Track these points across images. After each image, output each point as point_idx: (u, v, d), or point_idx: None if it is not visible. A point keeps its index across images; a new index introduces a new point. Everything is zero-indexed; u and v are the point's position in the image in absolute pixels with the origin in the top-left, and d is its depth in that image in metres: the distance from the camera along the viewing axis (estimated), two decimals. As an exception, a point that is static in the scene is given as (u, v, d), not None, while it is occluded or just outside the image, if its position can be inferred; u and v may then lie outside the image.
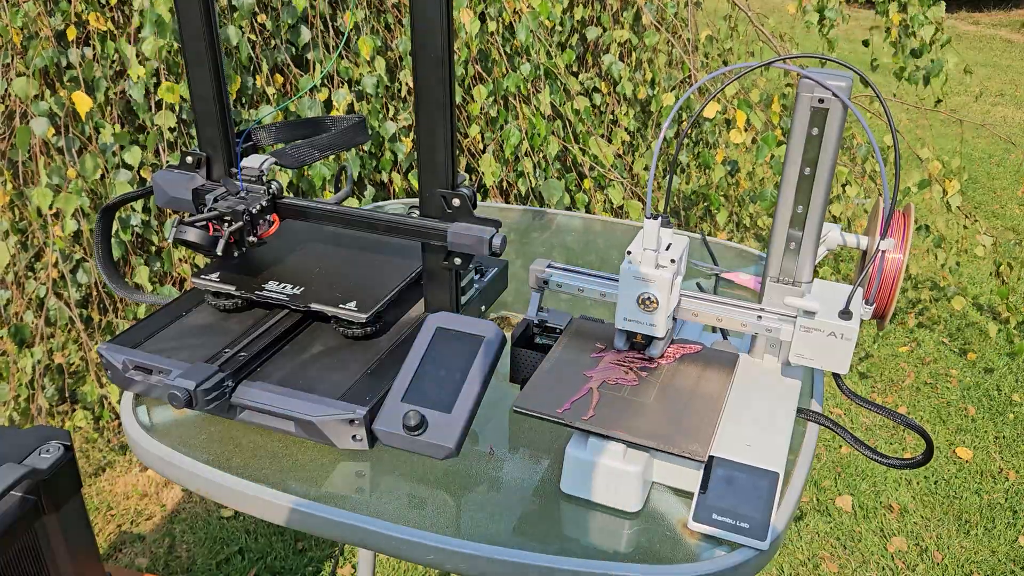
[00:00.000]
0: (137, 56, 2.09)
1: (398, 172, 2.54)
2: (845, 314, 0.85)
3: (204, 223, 1.00)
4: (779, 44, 2.76)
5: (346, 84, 2.40)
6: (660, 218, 0.86)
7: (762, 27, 2.75)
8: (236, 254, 1.03)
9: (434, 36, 0.86)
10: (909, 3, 2.65)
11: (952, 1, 8.72)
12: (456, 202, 0.94)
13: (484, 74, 2.50)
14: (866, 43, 2.83)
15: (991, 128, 2.85)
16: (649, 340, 0.93)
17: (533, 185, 2.54)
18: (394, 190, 2.55)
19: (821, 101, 0.87)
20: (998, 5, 8.88)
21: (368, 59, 2.36)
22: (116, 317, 2.25)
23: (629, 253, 0.88)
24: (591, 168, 2.62)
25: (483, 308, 1.11)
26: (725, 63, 3.04)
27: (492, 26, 2.46)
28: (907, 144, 2.64)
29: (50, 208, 2.01)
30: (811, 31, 2.78)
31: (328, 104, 2.37)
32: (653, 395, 0.88)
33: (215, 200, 1.02)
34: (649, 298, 0.88)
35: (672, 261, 0.87)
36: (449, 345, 0.91)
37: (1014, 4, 8.87)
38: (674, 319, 0.94)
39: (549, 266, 0.99)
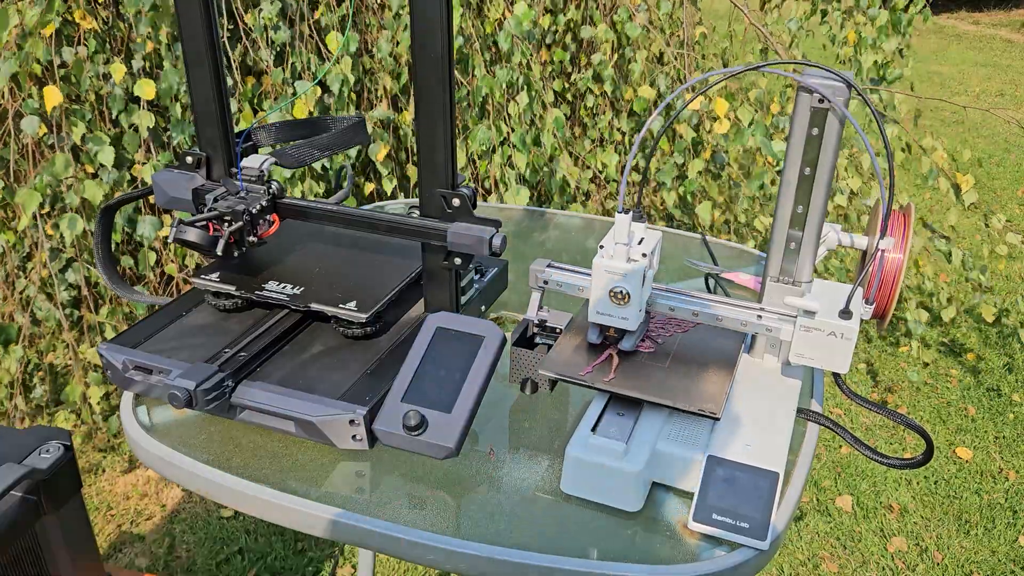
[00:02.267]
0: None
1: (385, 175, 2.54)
2: (845, 314, 0.85)
3: (204, 223, 1.00)
4: (777, 44, 2.76)
5: (321, 86, 2.39)
6: (632, 212, 0.87)
7: (762, 28, 2.75)
8: (236, 254, 1.02)
9: (434, 36, 0.86)
10: (892, 8, 2.65)
11: (952, 1, 8.72)
12: (456, 202, 0.94)
13: (460, 78, 2.49)
14: (832, 40, 2.81)
15: (996, 112, 2.80)
16: (622, 334, 0.94)
17: (504, 192, 2.51)
18: (379, 192, 2.55)
19: (821, 101, 0.87)
20: (998, 5, 8.88)
21: (338, 58, 2.34)
22: (105, 318, 2.24)
23: (602, 247, 0.89)
24: (562, 188, 2.61)
25: (483, 308, 1.11)
26: (723, 62, 3.03)
27: (489, 28, 2.45)
28: (913, 137, 2.61)
29: (40, 208, 2.00)
30: (815, 36, 2.78)
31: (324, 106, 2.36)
32: (669, 360, 0.92)
33: (215, 200, 1.02)
34: (620, 292, 0.88)
35: (644, 255, 0.88)
36: (449, 345, 0.91)
37: (1014, 4, 8.87)
38: (647, 313, 0.95)
39: (549, 266, 0.99)
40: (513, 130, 2.47)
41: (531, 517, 0.83)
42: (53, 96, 1.99)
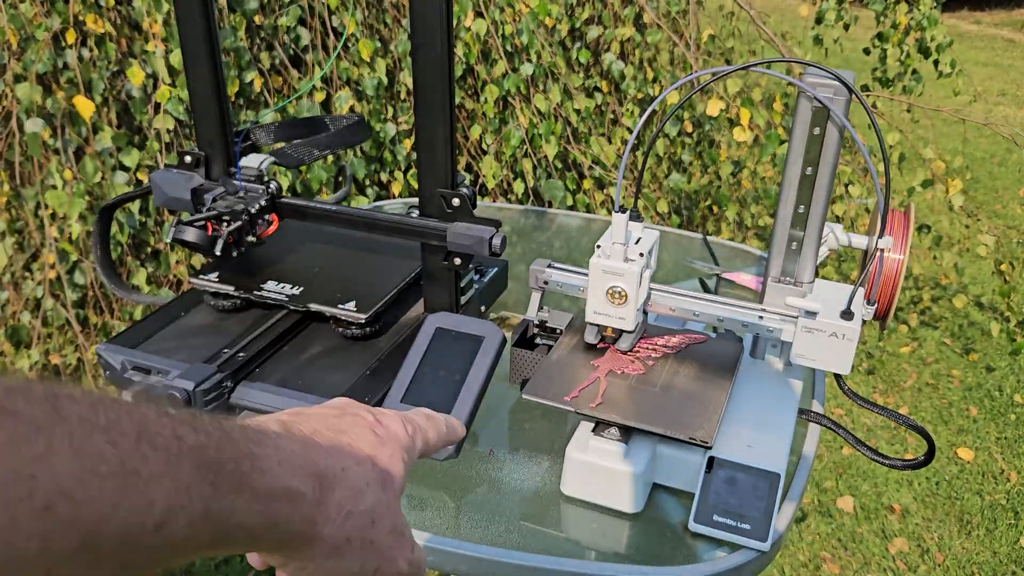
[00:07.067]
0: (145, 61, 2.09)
1: (399, 170, 2.54)
2: (847, 314, 0.84)
3: (203, 223, 0.99)
4: (780, 44, 2.75)
5: (347, 86, 2.40)
6: (629, 211, 0.87)
7: (763, 26, 2.75)
8: (235, 254, 1.02)
9: (434, 36, 0.86)
10: (919, 4, 2.64)
11: (953, 0, 8.70)
12: (456, 202, 0.94)
13: (486, 75, 2.50)
14: (867, 51, 2.83)
15: (994, 126, 2.84)
16: (619, 334, 0.93)
17: (531, 185, 2.53)
18: (393, 191, 2.54)
19: (818, 102, 0.86)
20: (1000, 5, 8.87)
21: (368, 60, 2.35)
22: (112, 318, 2.24)
23: (599, 247, 0.89)
24: (591, 168, 2.62)
25: (483, 308, 1.10)
26: (728, 62, 3.03)
27: (507, 28, 2.45)
28: (911, 143, 2.63)
29: (46, 208, 2.01)
30: (822, 33, 2.78)
31: (327, 106, 2.36)
32: (659, 383, 0.89)
33: (214, 200, 1.02)
34: (618, 291, 0.88)
35: (641, 255, 0.88)
36: (449, 345, 0.90)
37: (1016, 3, 8.86)
38: (644, 313, 0.94)
39: (549, 266, 0.99)
40: (544, 119, 2.47)
41: (531, 518, 0.83)
42: (85, 106, 2.00)
